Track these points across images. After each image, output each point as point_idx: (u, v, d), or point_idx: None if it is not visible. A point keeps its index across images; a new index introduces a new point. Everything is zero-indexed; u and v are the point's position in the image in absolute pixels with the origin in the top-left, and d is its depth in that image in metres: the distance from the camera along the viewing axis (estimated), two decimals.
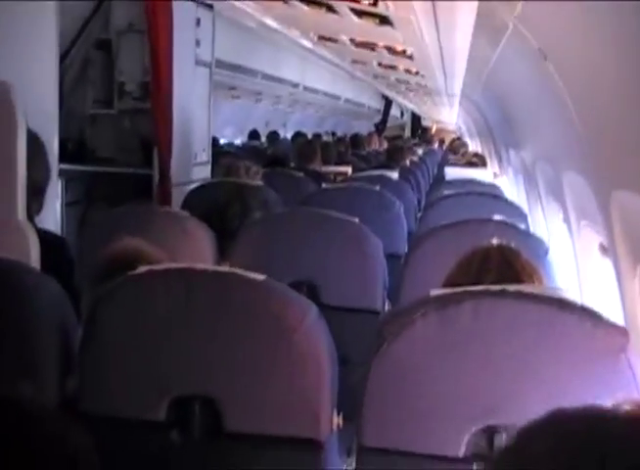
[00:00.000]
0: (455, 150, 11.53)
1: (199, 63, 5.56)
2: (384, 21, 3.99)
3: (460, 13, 3.29)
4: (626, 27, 1.56)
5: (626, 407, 0.71)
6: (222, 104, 9.09)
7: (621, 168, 1.98)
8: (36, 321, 1.72)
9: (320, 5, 3.90)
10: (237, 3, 4.56)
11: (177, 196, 4.68)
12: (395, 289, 2.92)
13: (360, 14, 3.93)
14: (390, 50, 5.46)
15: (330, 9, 3.92)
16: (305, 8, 4.01)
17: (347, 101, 13.12)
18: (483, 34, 3.47)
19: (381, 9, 3.63)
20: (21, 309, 1.71)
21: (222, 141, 9.68)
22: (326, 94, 11.49)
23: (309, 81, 10.13)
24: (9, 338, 1.71)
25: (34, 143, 2.62)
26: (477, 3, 2.91)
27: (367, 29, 4.40)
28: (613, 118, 1.96)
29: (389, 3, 3.44)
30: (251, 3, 4.37)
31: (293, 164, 6.01)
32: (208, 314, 1.69)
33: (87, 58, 5.46)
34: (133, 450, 1.69)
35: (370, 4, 3.55)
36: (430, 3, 3.17)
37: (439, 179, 6.52)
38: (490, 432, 1.57)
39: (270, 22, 5.32)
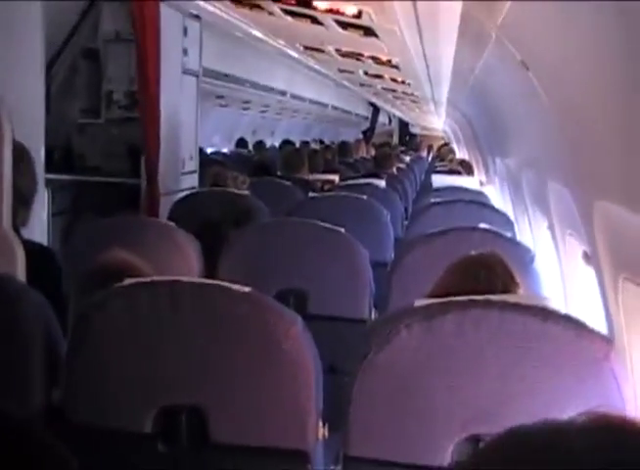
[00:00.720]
0: (443, 157, 11.57)
1: (186, 72, 5.57)
2: (368, 32, 4.02)
3: (443, 23, 3.31)
4: (608, 39, 1.57)
5: (583, 419, 0.72)
6: (210, 112, 9.10)
7: (603, 179, 1.99)
8: (20, 333, 1.72)
9: (305, 17, 3.92)
10: (223, 14, 4.57)
11: (165, 205, 4.69)
12: (382, 297, 2.93)
13: (345, 25, 3.95)
14: (376, 60, 5.49)
15: (315, 21, 3.95)
16: (290, 19, 4.03)
17: (335, 108, 13.14)
18: (467, 44, 3.49)
19: (365, 20, 3.66)
20: (5, 321, 1.71)
21: (210, 149, 9.68)
22: (313, 102, 11.51)
23: (297, 89, 10.16)
24: None
25: (20, 153, 2.62)
26: (459, 13, 2.93)
27: (352, 40, 4.43)
28: (594, 129, 1.98)
29: (373, 15, 3.46)
30: (236, 14, 4.39)
31: (279, 173, 6.03)
32: (195, 326, 1.70)
33: (74, 66, 5.46)
34: (120, 462, 1.70)
35: (354, 16, 3.58)
36: (412, 14, 3.19)
37: (426, 187, 6.54)
38: (475, 441, 1.58)
39: (256, 32, 5.34)
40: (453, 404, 1.58)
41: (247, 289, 1.75)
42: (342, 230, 3.04)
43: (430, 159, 13.26)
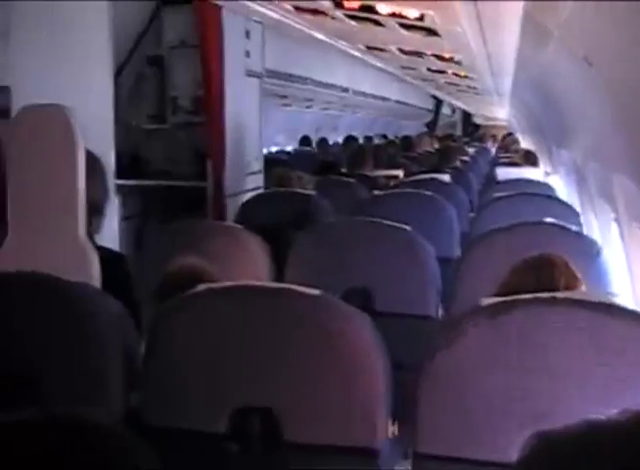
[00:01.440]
0: (507, 147, 11.46)
1: (249, 74, 5.64)
2: (431, 32, 4.02)
3: (505, 22, 3.30)
4: None
5: (620, 417, 0.72)
6: (273, 112, 9.17)
7: None
8: (100, 340, 1.79)
9: (368, 20, 3.94)
10: (285, 19, 4.63)
11: (231, 205, 4.77)
12: (449, 293, 2.95)
13: (407, 27, 3.96)
14: (439, 57, 5.49)
15: (377, 23, 3.97)
16: (353, 23, 4.06)
17: (397, 102, 13.09)
18: (529, 42, 3.48)
19: (427, 22, 3.66)
20: (85, 329, 1.78)
21: (274, 148, 9.76)
22: (375, 97, 11.49)
23: (358, 85, 10.15)
24: (74, 357, 1.78)
25: (92, 163, 2.70)
26: (521, 13, 2.92)
27: (414, 40, 4.43)
28: None
29: (435, 17, 3.46)
30: (298, 19, 4.43)
31: (344, 170, 6.06)
32: (266, 329, 1.75)
33: (140, 74, 5.56)
34: (195, 462, 1.76)
35: (416, 19, 3.59)
36: (475, 15, 3.19)
37: (491, 179, 6.51)
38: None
39: (318, 35, 5.38)
40: (519, 401, 1.60)
41: (316, 292, 1.79)
42: (407, 227, 3.06)
43: (494, 150, 13.11)
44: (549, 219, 3.07)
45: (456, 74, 7.02)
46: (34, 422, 0.84)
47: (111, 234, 3.58)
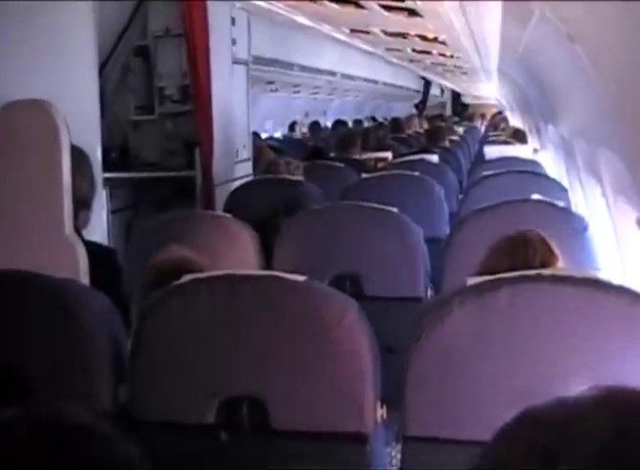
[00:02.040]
0: (496, 126, 11.47)
1: (236, 61, 5.62)
2: (412, 13, 4.01)
3: (486, 1, 3.29)
4: None
5: (591, 392, 0.73)
6: (261, 98, 9.15)
7: None
8: (87, 336, 1.79)
9: (349, 2, 3.93)
10: (269, 5, 4.62)
11: (221, 194, 4.76)
12: (438, 273, 2.96)
13: (389, 8, 3.95)
14: (423, 37, 5.48)
15: (358, 5, 3.96)
16: (335, 6, 4.05)
17: (386, 84, 13.08)
18: (512, 19, 3.47)
19: (408, 3, 3.66)
20: (72, 325, 1.79)
21: (263, 135, 9.74)
22: (364, 79, 11.47)
23: (346, 69, 10.14)
24: (62, 354, 1.79)
25: (79, 157, 2.70)
26: None
27: (397, 21, 4.42)
28: None
29: None
30: (280, 4, 4.42)
31: (333, 154, 6.06)
32: (252, 318, 1.75)
33: (126, 65, 5.55)
34: (185, 453, 1.76)
35: None
36: None
37: (480, 158, 6.52)
38: None
39: (302, 19, 5.37)
40: (507, 380, 1.61)
41: (301, 278, 1.79)
42: (395, 210, 3.07)
43: (483, 129, 13.12)
44: (536, 196, 3.07)
45: (442, 54, 7.02)
46: (17, 422, 0.85)
47: (99, 228, 3.57)
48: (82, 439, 0.85)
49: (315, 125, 11.58)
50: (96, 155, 3.64)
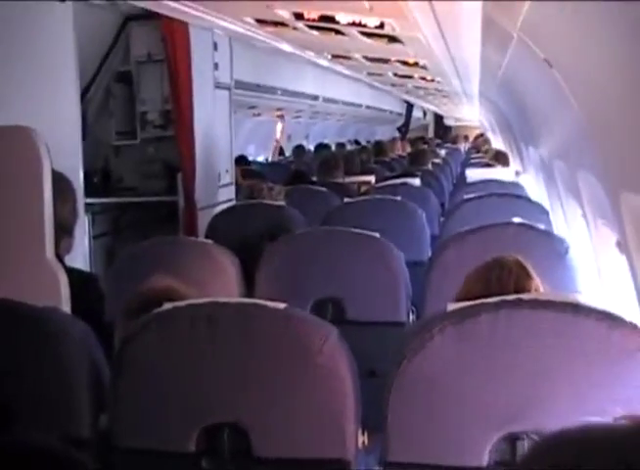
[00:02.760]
0: (478, 148, 11.52)
1: (218, 86, 5.64)
2: (393, 39, 4.04)
3: (465, 27, 3.33)
4: (627, 31, 1.59)
5: (625, 422, 0.74)
6: (244, 122, 9.17)
7: (629, 170, 2.01)
8: (66, 364, 1.79)
9: (329, 30, 3.96)
10: (250, 33, 4.64)
11: (203, 219, 4.76)
12: (420, 296, 2.96)
13: (369, 35, 3.98)
14: (404, 63, 5.52)
15: (339, 32, 3.99)
16: (316, 33, 4.07)
17: (368, 107, 13.13)
18: (491, 44, 3.51)
19: (387, 30, 3.69)
20: (51, 353, 1.78)
21: None
22: (346, 103, 11.51)
23: (328, 92, 10.16)
24: (43, 382, 1.78)
25: (60, 183, 2.69)
26: (480, 16, 2.95)
27: (378, 47, 4.45)
28: (619, 123, 1.99)
29: (395, 25, 3.48)
30: (262, 32, 4.45)
31: (316, 178, 6.06)
32: (233, 345, 1.75)
33: (108, 90, 5.56)
34: None
35: (376, 26, 3.60)
36: (434, 21, 3.21)
37: (462, 181, 6.55)
38: (512, 439, 1.61)
39: (284, 46, 5.39)
40: (489, 404, 1.61)
41: (282, 305, 1.79)
42: (377, 235, 3.07)
43: (465, 151, 13.19)
44: (518, 219, 3.09)
45: (423, 78, 7.06)
46: None
47: (81, 254, 3.56)
48: (45, 464, 0.85)
49: (299, 149, 11.60)
50: (78, 180, 3.65)
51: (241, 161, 7.57)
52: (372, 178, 6.19)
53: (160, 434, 1.77)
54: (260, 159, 10.69)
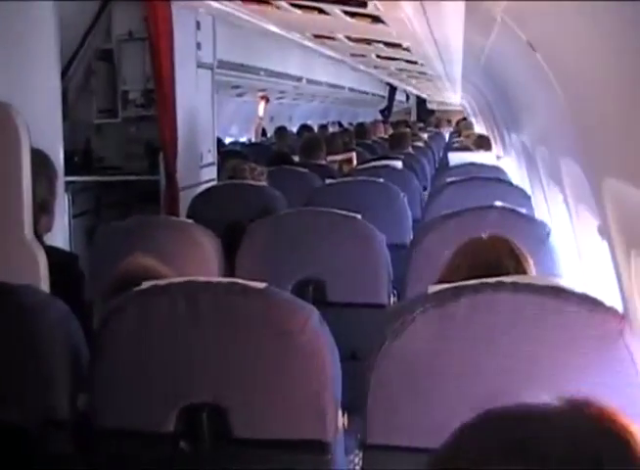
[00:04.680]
0: (460, 132, 11.52)
1: (201, 65, 5.62)
2: (376, 19, 4.03)
3: (448, 8, 3.32)
4: (611, 15, 1.59)
5: (557, 404, 0.75)
6: (227, 102, 9.13)
7: (611, 157, 2.01)
8: (44, 343, 1.77)
9: (312, 8, 3.94)
10: (233, 11, 4.61)
11: (185, 199, 4.75)
12: (402, 280, 2.96)
13: (352, 14, 3.97)
14: (387, 44, 5.50)
15: (322, 11, 3.97)
16: (299, 12, 4.05)
17: (352, 90, 13.11)
18: (474, 27, 3.50)
19: (371, 9, 3.67)
20: (29, 333, 1.77)
21: (228, 140, 9.71)
22: (330, 85, 11.48)
23: (312, 74, 10.14)
24: (19, 360, 1.77)
25: (39, 160, 2.66)
26: None
27: (361, 27, 4.44)
28: (601, 108, 1.99)
29: (378, 4, 3.47)
30: (245, 10, 4.42)
31: (299, 159, 6.05)
32: (212, 325, 1.74)
33: (89, 68, 5.52)
34: (145, 462, 1.75)
35: (360, 5, 3.58)
36: (417, 1, 3.20)
37: (444, 165, 6.55)
38: None
39: (267, 25, 5.37)
40: (470, 387, 1.61)
41: (262, 285, 1.79)
42: (358, 216, 3.07)
43: (448, 134, 13.19)
44: (499, 203, 3.09)
45: (406, 61, 7.04)
46: None
47: (61, 233, 3.54)
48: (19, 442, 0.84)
49: (281, 130, 11.55)
50: (58, 158, 3.61)
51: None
52: (353, 154, 6.19)
53: (139, 414, 1.76)
54: (243, 139, 10.65)
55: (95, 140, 5.57)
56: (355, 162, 6.19)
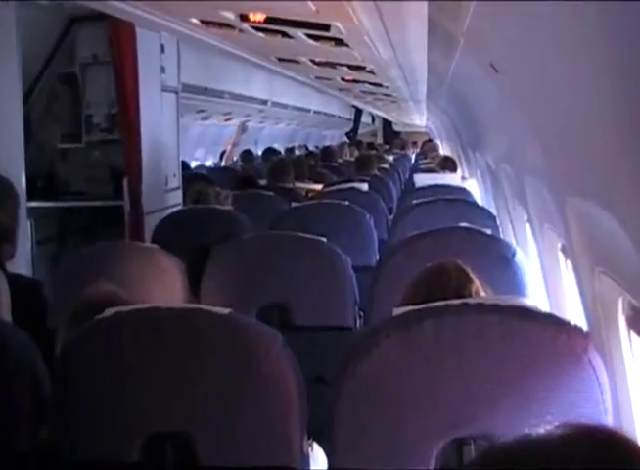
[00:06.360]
0: (426, 154, 11.60)
1: (165, 89, 5.59)
2: (339, 42, 4.04)
3: (411, 31, 3.34)
4: (571, 36, 1.60)
5: (558, 431, 0.74)
6: (191, 126, 9.11)
7: (573, 176, 2.02)
8: (6, 373, 1.74)
9: (275, 32, 3.94)
10: (195, 34, 4.61)
11: (150, 223, 4.71)
12: (368, 301, 2.95)
13: (316, 38, 3.98)
14: (351, 67, 5.52)
15: (285, 35, 3.97)
16: (262, 35, 4.06)
17: (317, 113, 13.15)
18: (438, 49, 3.53)
19: (334, 33, 3.68)
20: None
21: (194, 164, 9.68)
22: (295, 108, 11.52)
23: (277, 97, 10.15)
24: None
25: (1, 187, 2.64)
26: (426, 21, 2.96)
27: (325, 50, 4.45)
28: (563, 128, 2.01)
29: (341, 28, 3.48)
30: (208, 33, 4.42)
31: (266, 183, 6.04)
32: (176, 352, 1.72)
33: (53, 93, 5.49)
34: None
35: (322, 29, 3.59)
36: (380, 25, 3.22)
37: (410, 186, 6.57)
38: (459, 444, 1.60)
39: (230, 49, 5.36)
40: (435, 410, 1.60)
41: (226, 311, 1.77)
42: (324, 239, 3.06)
43: (414, 156, 13.28)
44: (465, 224, 3.10)
45: (371, 83, 7.07)
46: None
47: (24, 259, 3.50)
48: None
49: (247, 154, 11.54)
50: (20, 184, 3.58)
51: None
52: (320, 186, 6.19)
53: (103, 444, 1.74)
54: (209, 163, 10.62)
55: (59, 165, 5.53)
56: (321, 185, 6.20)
